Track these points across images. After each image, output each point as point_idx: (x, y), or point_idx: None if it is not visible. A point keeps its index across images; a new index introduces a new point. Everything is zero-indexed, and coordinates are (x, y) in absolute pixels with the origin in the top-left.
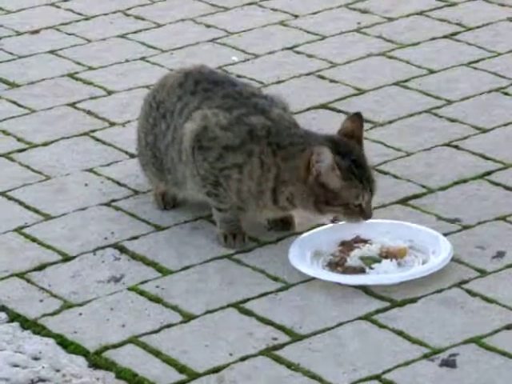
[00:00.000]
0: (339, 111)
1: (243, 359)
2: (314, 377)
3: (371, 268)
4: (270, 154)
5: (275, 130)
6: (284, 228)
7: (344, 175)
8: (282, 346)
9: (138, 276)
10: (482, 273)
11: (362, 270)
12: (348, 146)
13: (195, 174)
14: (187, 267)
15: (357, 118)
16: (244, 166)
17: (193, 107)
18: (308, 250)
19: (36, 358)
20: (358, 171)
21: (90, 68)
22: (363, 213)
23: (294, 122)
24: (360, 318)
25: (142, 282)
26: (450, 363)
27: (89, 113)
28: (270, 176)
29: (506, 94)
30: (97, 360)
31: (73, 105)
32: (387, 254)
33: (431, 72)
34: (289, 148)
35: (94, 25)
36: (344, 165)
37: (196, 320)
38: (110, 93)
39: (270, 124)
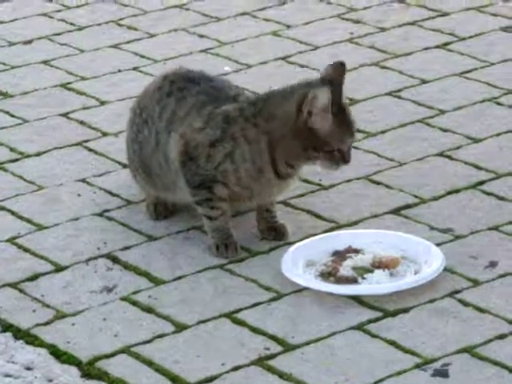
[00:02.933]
0: None
1: (235, 369)
2: None
3: (363, 278)
4: (251, 127)
5: (246, 104)
6: (276, 238)
7: (334, 118)
8: (274, 355)
9: (130, 286)
10: (475, 283)
11: (354, 280)
12: (333, 93)
13: (186, 186)
14: (179, 277)
15: (339, 65)
16: (234, 151)
17: (170, 110)
18: (300, 260)
19: (28, 368)
20: (343, 117)
21: (83, 78)
22: (343, 157)
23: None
24: (352, 328)
25: (135, 292)
26: (442, 373)
27: (81, 123)
28: (262, 147)
29: (499, 103)
30: (89, 370)
31: (65, 115)
32: (379, 264)
33: (424, 82)
34: (269, 107)
35: (87, 35)
36: (333, 109)
37: (188, 330)
38: (102, 103)
39: (243, 105)
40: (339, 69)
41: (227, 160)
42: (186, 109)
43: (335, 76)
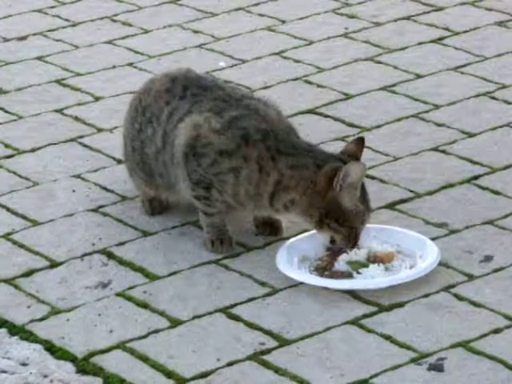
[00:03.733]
0: (326, 116)
1: (231, 364)
2: (301, 381)
3: (358, 273)
4: (268, 159)
5: (273, 133)
6: (271, 233)
7: (360, 197)
8: (269, 350)
9: (125, 282)
10: (470, 277)
11: (349, 275)
12: None
13: (186, 179)
14: (175, 272)
15: (360, 142)
16: (240, 170)
17: (183, 111)
18: (295, 255)
19: (24, 364)
20: (365, 196)
21: (78, 74)
22: (355, 239)
23: (291, 126)
24: (347, 323)
25: (130, 288)
26: (437, 367)
27: (76, 119)
28: (270, 180)
29: (494, 98)
30: (84, 366)
31: (60, 111)
32: (374, 259)
33: (418, 77)
34: (296, 157)
35: (82, 31)
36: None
37: (183, 325)
38: (97, 99)
39: (266, 127)
40: (360, 145)
41: (230, 174)
42: (203, 108)
43: (357, 151)
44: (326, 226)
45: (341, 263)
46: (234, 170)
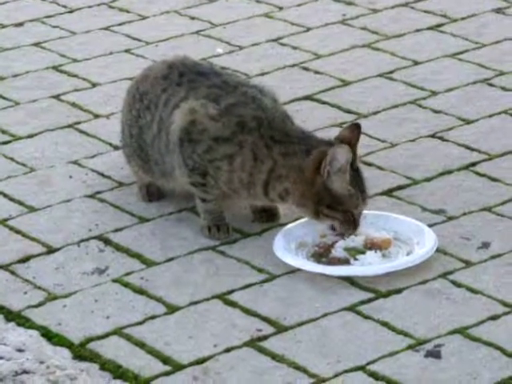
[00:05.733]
0: (324, 103)
1: (228, 350)
2: (298, 368)
3: (356, 259)
4: (263, 147)
5: (267, 121)
6: (269, 219)
7: (351, 181)
8: (266, 337)
9: (122, 268)
10: (467, 263)
11: (346, 261)
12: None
13: (181, 165)
14: (171, 259)
15: (355, 128)
16: (235, 157)
17: (179, 97)
18: (293, 241)
19: (20, 350)
20: (358, 180)
21: (75, 60)
22: (354, 224)
23: (286, 113)
24: (344, 309)
25: (127, 274)
26: (434, 354)
27: (73, 105)
28: (264, 168)
29: (491, 85)
30: (81, 352)
31: (57, 97)
32: (372, 245)
33: (416, 63)
34: (289, 145)
35: (79, 17)
36: (350, 171)
37: (180, 311)
38: (94, 85)
39: (262, 114)
40: (355, 131)
41: (225, 160)
42: (200, 94)
43: (351, 137)
44: (321, 214)
45: (338, 250)
46: (229, 156)
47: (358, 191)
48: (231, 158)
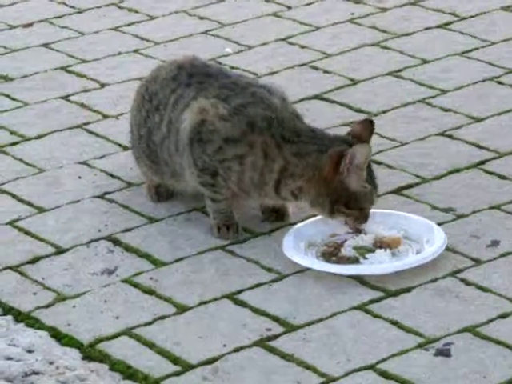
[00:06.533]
0: (333, 102)
1: (237, 350)
2: (308, 367)
3: (365, 258)
4: (273, 146)
5: (277, 120)
6: (278, 219)
7: (366, 178)
8: (276, 336)
9: (131, 268)
10: (477, 262)
11: (356, 260)
12: None
13: (191, 166)
14: (181, 259)
15: (368, 124)
16: (245, 157)
17: (189, 98)
18: (302, 241)
19: (30, 351)
20: (372, 177)
21: (83, 61)
22: (366, 219)
23: (296, 112)
24: (354, 308)
25: (136, 274)
26: (444, 352)
27: (82, 105)
28: (275, 167)
29: (500, 83)
30: (90, 352)
31: (66, 98)
32: (381, 244)
33: (425, 62)
34: (301, 144)
35: (87, 18)
36: (366, 168)
37: (190, 311)
38: (103, 85)
39: (271, 114)
40: (368, 126)
41: (235, 160)
42: (209, 95)
43: (364, 133)
44: (337, 212)
45: (347, 249)
46: (239, 157)
47: (372, 187)
48: (242, 158)
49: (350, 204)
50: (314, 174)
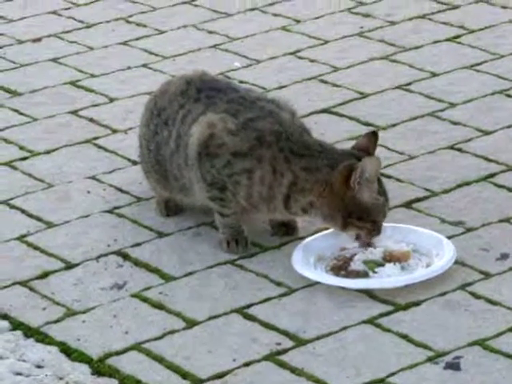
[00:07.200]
0: (342, 115)
1: (247, 365)
2: (318, 381)
3: (374, 272)
4: (282, 160)
5: (286, 135)
6: (287, 233)
7: (378, 190)
8: (285, 350)
9: (141, 283)
10: (486, 275)
11: (365, 274)
12: None
13: (199, 180)
14: (190, 273)
15: (373, 136)
16: (254, 171)
17: (197, 113)
18: (311, 255)
19: (39, 366)
20: (382, 188)
21: (92, 75)
22: (379, 231)
23: (304, 127)
24: (364, 322)
25: (145, 289)
26: (454, 366)
27: (91, 120)
28: (284, 182)
29: (509, 96)
30: (100, 367)
31: (75, 112)
32: (390, 258)
33: (434, 75)
34: (310, 158)
35: (96, 32)
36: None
37: (199, 326)
38: (112, 100)
39: (280, 128)
40: (372, 139)
41: (244, 175)
42: (218, 109)
43: (369, 146)
44: (350, 226)
45: (357, 262)
46: (248, 171)
47: (384, 199)
48: (250, 173)
49: (363, 217)
50: (325, 189)
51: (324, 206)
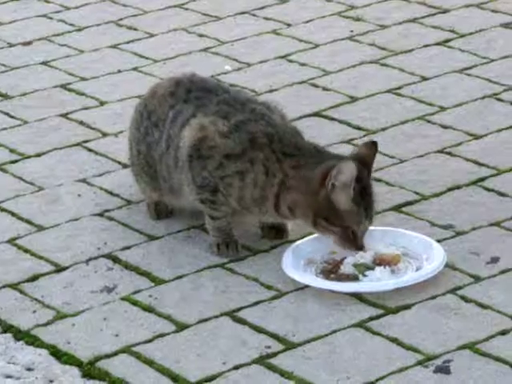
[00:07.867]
0: (332, 119)
1: (236, 368)
2: None
3: (364, 275)
4: (274, 161)
5: (278, 136)
6: (277, 236)
7: (355, 197)
8: (275, 354)
9: (130, 286)
10: (476, 279)
11: (355, 278)
12: (362, 171)
13: (190, 183)
14: (180, 276)
15: (372, 146)
16: (246, 173)
17: (188, 114)
18: (301, 258)
19: (29, 369)
20: (365, 198)
21: (83, 79)
22: (356, 242)
23: (296, 129)
24: (353, 326)
25: (135, 292)
26: (444, 370)
27: (81, 123)
28: (275, 181)
29: (499, 100)
30: (90, 370)
31: (65, 115)
32: (380, 261)
33: (424, 79)
34: (300, 157)
35: (87, 35)
36: (357, 188)
37: (189, 329)
38: (102, 103)
39: (272, 131)
40: (372, 149)
41: (236, 177)
42: (209, 111)
43: (367, 155)
44: (318, 225)
45: (347, 266)
46: (240, 173)
47: (361, 209)
48: (243, 175)
49: (331, 219)
50: (306, 186)
51: (302, 202)
